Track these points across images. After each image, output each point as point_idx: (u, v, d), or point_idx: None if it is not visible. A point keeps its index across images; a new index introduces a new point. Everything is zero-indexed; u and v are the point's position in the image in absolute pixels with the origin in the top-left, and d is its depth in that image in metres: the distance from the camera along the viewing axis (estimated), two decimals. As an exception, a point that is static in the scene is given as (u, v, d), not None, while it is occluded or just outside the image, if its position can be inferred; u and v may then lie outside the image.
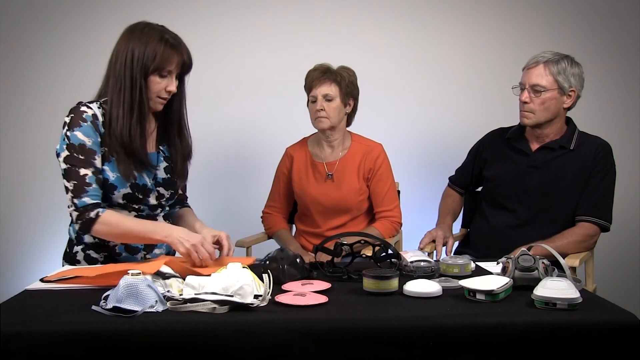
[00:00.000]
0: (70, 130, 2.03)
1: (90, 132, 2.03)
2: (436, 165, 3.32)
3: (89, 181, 2.00)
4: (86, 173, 2.01)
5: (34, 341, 1.45)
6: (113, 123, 2.03)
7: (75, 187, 2.00)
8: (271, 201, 2.89)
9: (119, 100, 2.03)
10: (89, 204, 2.00)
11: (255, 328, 1.49)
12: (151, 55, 2.01)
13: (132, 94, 2.03)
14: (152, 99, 2.08)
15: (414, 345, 1.48)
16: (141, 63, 2.01)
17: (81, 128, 2.02)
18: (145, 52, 2.01)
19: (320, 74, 2.68)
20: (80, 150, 2.01)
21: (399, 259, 1.96)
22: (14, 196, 3.39)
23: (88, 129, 2.03)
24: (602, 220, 2.49)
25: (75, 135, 2.02)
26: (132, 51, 2.02)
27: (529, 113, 2.51)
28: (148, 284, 1.59)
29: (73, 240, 2.18)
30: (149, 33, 2.04)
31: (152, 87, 2.06)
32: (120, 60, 2.03)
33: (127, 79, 2.02)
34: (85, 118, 2.03)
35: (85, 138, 2.02)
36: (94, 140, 2.03)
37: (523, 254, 1.78)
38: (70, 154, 2.02)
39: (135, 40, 2.03)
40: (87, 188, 2.00)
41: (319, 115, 2.67)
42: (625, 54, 3.40)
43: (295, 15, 3.41)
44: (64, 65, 3.36)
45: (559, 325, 1.50)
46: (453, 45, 3.43)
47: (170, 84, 2.07)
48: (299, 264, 1.87)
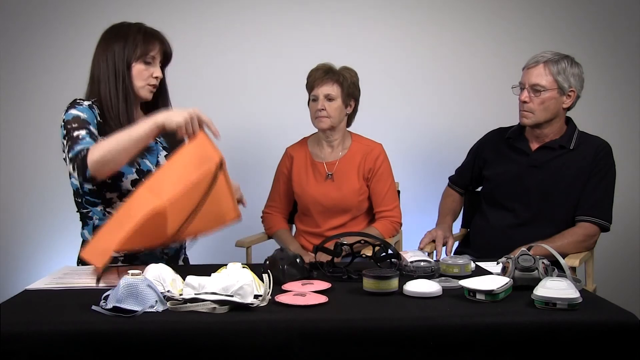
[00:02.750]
0: (65, 112, 2.06)
1: (86, 111, 2.06)
2: (436, 165, 3.32)
3: (81, 137, 1.99)
4: (79, 133, 1.99)
5: (34, 341, 1.44)
6: (107, 113, 2.08)
7: (69, 146, 1.98)
8: (271, 201, 2.89)
9: (108, 94, 2.08)
10: (79, 149, 1.95)
11: (255, 328, 1.49)
12: (132, 45, 2.09)
13: (117, 84, 2.09)
14: (142, 86, 2.13)
15: (414, 345, 1.48)
16: (122, 55, 2.09)
17: (76, 108, 2.06)
18: (125, 44, 2.10)
19: (322, 74, 2.68)
20: (74, 121, 2.02)
21: (399, 259, 1.96)
22: (14, 196, 3.39)
23: (84, 109, 2.06)
24: (602, 220, 2.49)
25: (70, 113, 2.05)
26: (113, 49, 2.10)
27: (528, 113, 2.51)
28: (148, 284, 1.59)
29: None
30: (127, 28, 2.13)
31: (139, 75, 2.12)
32: (101, 59, 2.10)
33: (110, 74, 2.09)
34: (80, 102, 2.08)
35: (80, 113, 2.04)
36: (89, 116, 2.05)
37: (523, 254, 1.78)
38: (65, 127, 2.03)
39: (114, 38, 2.11)
40: (80, 140, 1.97)
41: (319, 115, 2.67)
42: (625, 54, 3.40)
43: (295, 16, 3.41)
44: (64, 65, 3.36)
45: (559, 325, 1.50)
46: (453, 45, 3.43)
47: (156, 71, 2.14)
48: (299, 264, 1.87)
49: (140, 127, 1.91)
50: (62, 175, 3.35)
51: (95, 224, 2.15)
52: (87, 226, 2.18)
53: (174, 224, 1.82)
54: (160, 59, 2.15)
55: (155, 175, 1.92)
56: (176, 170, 1.86)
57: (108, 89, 2.09)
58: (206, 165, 1.84)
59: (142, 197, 1.83)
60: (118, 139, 1.91)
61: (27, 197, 3.40)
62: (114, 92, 2.09)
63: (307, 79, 2.73)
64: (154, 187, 1.83)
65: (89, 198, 2.14)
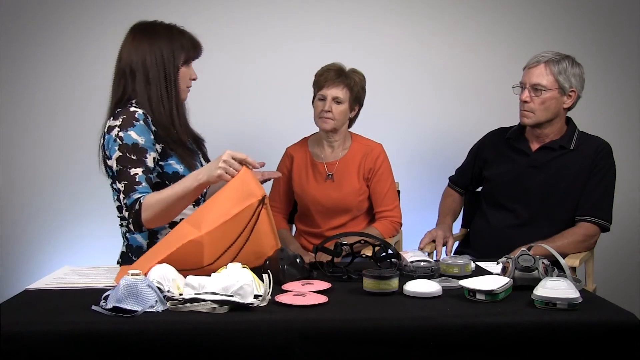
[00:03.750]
0: (123, 130, 2.02)
1: (143, 131, 2.04)
2: (436, 165, 3.32)
3: (138, 180, 1.99)
4: (136, 172, 1.99)
5: (34, 341, 1.45)
6: (160, 120, 2.08)
7: (126, 187, 1.98)
8: (271, 201, 2.88)
9: (158, 98, 2.08)
10: (135, 199, 1.97)
11: (255, 328, 1.49)
12: (180, 49, 2.11)
13: (169, 90, 2.10)
14: (183, 89, 2.16)
15: (414, 345, 1.48)
16: (172, 59, 2.10)
17: (134, 127, 2.03)
18: (173, 47, 2.10)
19: (335, 76, 2.66)
20: (132, 149, 2.01)
21: (399, 259, 1.96)
22: (14, 196, 3.39)
23: (141, 127, 2.04)
24: (602, 220, 2.49)
25: (129, 135, 2.02)
26: (160, 50, 2.09)
27: (529, 112, 2.51)
28: (148, 284, 1.59)
29: (143, 248, 2.14)
30: (166, 30, 2.13)
31: (184, 77, 2.14)
32: (150, 60, 2.08)
33: (161, 77, 2.09)
34: (137, 117, 2.05)
35: (139, 137, 2.02)
36: (147, 139, 2.04)
37: (523, 254, 1.78)
38: (123, 154, 2.01)
39: (157, 39, 2.10)
40: (137, 187, 1.98)
41: (324, 116, 2.66)
42: (625, 54, 3.40)
43: (296, 16, 3.40)
44: (65, 65, 3.35)
45: (559, 325, 1.50)
46: (453, 45, 3.42)
47: (192, 72, 2.18)
48: (299, 264, 1.87)
49: (185, 185, 1.95)
50: (62, 175, 3.39)
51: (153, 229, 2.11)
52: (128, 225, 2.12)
53: (211, 255, 1.83)
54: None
55: (197, 210, 1.96)
56: (217, 206, 1.90)
57: (159, 93, 2.08)
58: (248, 201, 1.86)
59: (181, 229, 1.89)
60: (167, 199, 1.94)
61: (27, 197, 3.40)
62: (166, 98, 2.09)
63: (317, 77, 2.71)
64: (195, 221, 1.88)
65: None
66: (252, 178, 1.92)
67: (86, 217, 3.33)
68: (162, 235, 2.12)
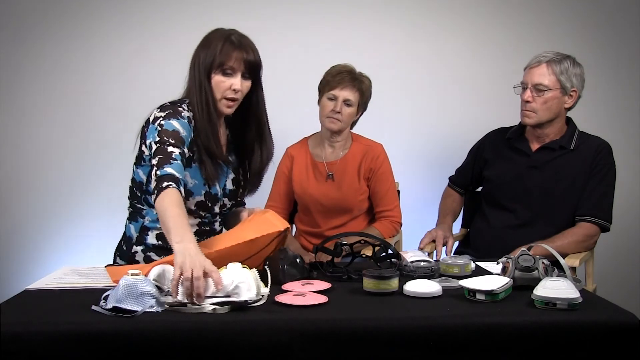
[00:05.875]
0: (166, 119, 1.99)
1: (186, 126, 2.01)
2: (436, 165, 3.32)
3: (174, 157, 1.93)
4: (173, 151, 1.94)
5: (34, 341, 1.45)
6: (196, 124, 2.04)
7: (159, 161, 1.91)
8: (271, 201, 2.89)
9: (193, 104, 2.05)
10: (168, 173, 1.87)
11: (255, 328, 1.49)
12: (211, 54, 2.03)
13: (200, 96, 2.04)
14: (219, 99, 2.06)
15: (414, 345, 1.48)
16: (204, 63, 2.04)
17: (178, 120, 2.00)
18: (207, 52, 2.04)
19: (350, 79, 2.65)
20: (172, 134, 1.96)
21: (399, 259, 1.97)
22: (14, 196, 3.39)
23: (185, 123, 2.01)
24: (602, 220, 2.49)
25: (171, 123, 1.98)
26: (199, 55, 2.06)
27: (530, 112, 2.51)
28: (148, 284, 1.59)
29: (132, 239, 2.13)
30: (215, 35, 2.07)
31: (217, 86, 2.04)
32: (191, 65, 2.07)
33: (196, 82, 2.05)
34: (183, 115, 2.03)
35: (180, 128, 1.99)
36: (188, 134, 2.01)
37: (523, 254, 1.78)
38: (161, 138, 1.96)
39: (203, 45, 2.08)
40: (172, 161, 1.91)
41: (333, 116, 2.66)
42: (625, 54, 3.40)
43: (296, 16, 3.40)
44: (65, 65, 3.35)
45: (559, 325, 1.50)
46: (453, 45, 3.42)
47: (235, 83, 2.04)
48: (299, 264, 1.87)
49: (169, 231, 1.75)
50: (62, 175, 3.38)
51: (145, 224, 2.12)
52: (135, 222, 2.13)
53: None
54: (242, 70, 2.04)
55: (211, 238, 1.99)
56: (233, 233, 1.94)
57: (196, 99, 2.04)
58: (267, 230, 1.90)
59: None
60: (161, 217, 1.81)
61: (26, 197, 3.40)
62: (199, 105, 2.04)
63: (330, 78, 2.68)
64: (207, 244, 1.90)
65: (149, 198, 2.06)
66: (277, 216, 1.98)
67: (86, 217, 3.33)
68: (152, 232, 2.11)
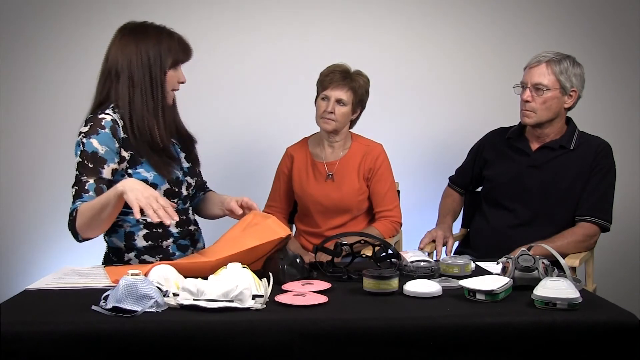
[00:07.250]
0: (87, 137, 2.02)
1: (107, 140, 2.02)
2: (436, 165, 3.32)
3: (87, 188, 2.00)
4: (88, 181, 2.00)
5: (34, 341, 1.45)
6: (139, 124, 2.05)
7: (75, 193, 2.00)
8: (271, 201, 2.89)
9: (142, 102, 2.05)
10: (74, 208, 1.98)
11: (255, 328, 1.49)
12: (167, 52, 2.07)
13: (154, 94, 2.06)
14: (168, 92, 2.12)
15: (414, 345, 1.48)
16: (159, 62, 2.06)
17: (98, 136, 2.02)
18: (160, 50, 2.06)
19: (340, 78, 2.64)
20: (91, 158, 2.01)
21: (399, 259, 1.97)
22: (14, 197, 3.39)
23: (105, 136, 2.03)
24: (602, 220, 2.49)
25: (90, 143, 2.02)
26: (147, 52, 2.06)
27: (530, 112, 2.51)
28: (148, 284, 1.59)
29: (121, 249, 2.13)
30: (155, 31, 2.09)
31: (169, 82, 2.10)
32: (135, 62, 2.05)
33: (146, 80, 2.05)
34: (104, 125, 2.03)
35: (100, 146, 2.01)
36: (110, 148, 2.03)
37: (523, 254, 1.78)
38: (82, 161, 2.02)
39: (144, 40, 2.07)
40: (84, 195, 1.99)
41: (326, 117, 2.66)
42: (625, 54, 3.40)
43: (296, 14, 3.40)
44: (65, 64, 3.35)
45: (559, 325, 1.50)
46: (453, 45, 3.42)
47: (181, 75, 2.13)
48: (299, 264, 1.87)
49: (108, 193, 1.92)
50: (62, 175, 3.37)
51: (128, 230, 2.12)
52: (115, 233, 2.13)
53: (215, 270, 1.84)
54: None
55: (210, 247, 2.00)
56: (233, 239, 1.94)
57: (144, 97, 2.05)
58: (269, 237, 1.89)
59: (191, 259, 1.93)
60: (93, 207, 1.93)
61: (27, 198, 3.40)
62: (151, 101, 2.06)
63: (322, 77, 2.69)
64: (207, 252, 1.92)
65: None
66: (279, 223, 1.97)
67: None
68: (138, 235, 2.11)
